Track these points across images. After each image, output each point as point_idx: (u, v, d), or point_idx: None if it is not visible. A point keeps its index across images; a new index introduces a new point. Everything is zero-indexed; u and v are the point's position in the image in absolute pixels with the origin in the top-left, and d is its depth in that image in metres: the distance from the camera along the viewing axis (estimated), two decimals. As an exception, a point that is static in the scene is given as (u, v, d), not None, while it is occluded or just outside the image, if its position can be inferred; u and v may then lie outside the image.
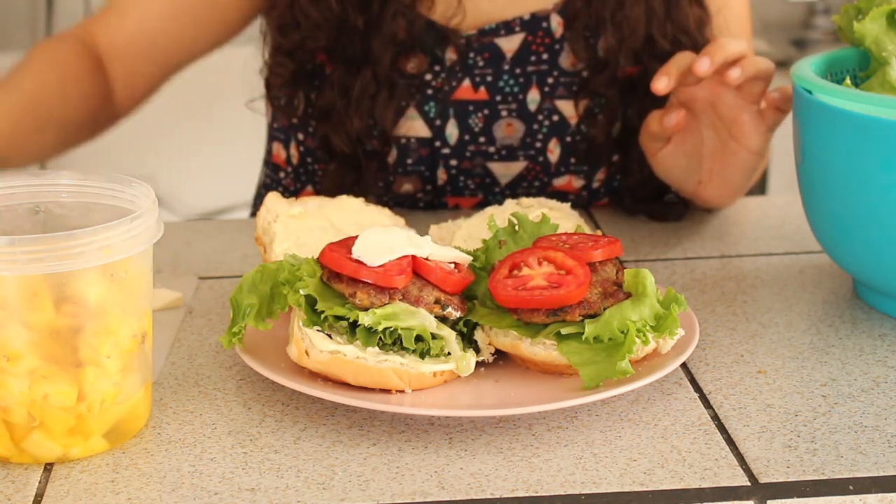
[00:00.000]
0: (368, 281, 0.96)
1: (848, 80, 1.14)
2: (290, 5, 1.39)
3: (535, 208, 1.17)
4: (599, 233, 1.12)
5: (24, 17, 3.02)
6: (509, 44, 1.38)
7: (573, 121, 1.40)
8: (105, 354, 0.89)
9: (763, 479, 0.88)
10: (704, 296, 1.18)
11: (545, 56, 1.39)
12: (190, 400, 0.99)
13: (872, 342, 1.08)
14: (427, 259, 1.00)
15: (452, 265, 1.02)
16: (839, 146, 1.07)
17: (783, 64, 2.81)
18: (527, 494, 0.86)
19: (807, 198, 1.15)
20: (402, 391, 0.96)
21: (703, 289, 1.19)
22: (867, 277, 1.13)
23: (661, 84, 1.20)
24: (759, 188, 2.78)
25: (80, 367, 0.89)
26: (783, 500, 0.87)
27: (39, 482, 0.89)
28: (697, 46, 1.35)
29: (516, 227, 1.08)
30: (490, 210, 1.19)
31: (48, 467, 0.90)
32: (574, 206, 1.27)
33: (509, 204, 1.19)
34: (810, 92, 1.09)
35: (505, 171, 1.42)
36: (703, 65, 1.18)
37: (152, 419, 0.96)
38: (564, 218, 1.16)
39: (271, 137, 1.52)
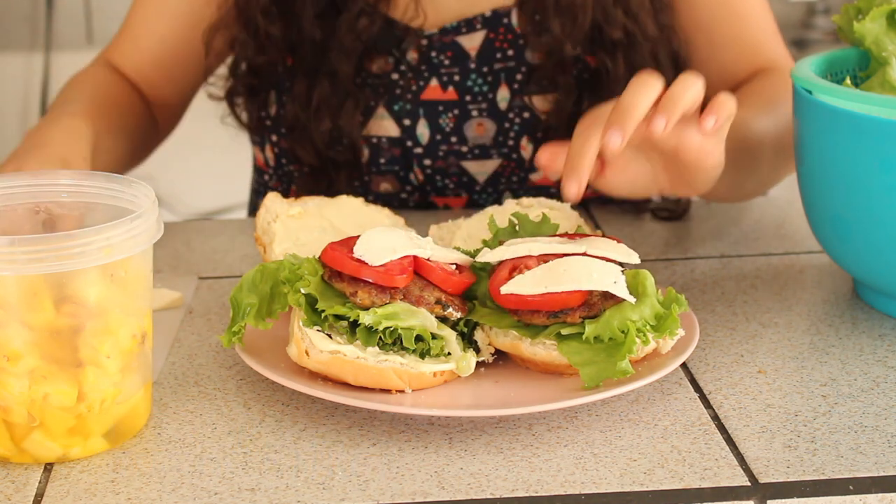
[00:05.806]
0: (370, 280, 0.96)
1: (848, 80, 1.14)
2: (243, 24, 1.38)
3: (535, 208, 1.17)
4: (600, 233, 1.12)
5: (24, 17, 3.02)
6: (471, 42, 1.38)
7: (545, 116, 1.39)
8: (105, 354, 0.89)
9: (763, 479, 0.88)
10: (704, 296, 1.18)
11: (510, 52, 1.38)
12: (190, 400, 0.99)
13: (872, 342, 1.08)
14: (428, 260, 1.00)
15: (454, 266, 1.02)
16: (839, 146, 1.07)
17: (783, 64, 2.81)
18: (527, 494, 0.86)
19: (807, 198, 1.15)
20: (402, 391, 0.96)
21: (703, 289, 1.19)
22: (867, 277, 1.13)
23: (616, 142, 1.03)
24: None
25: (80, 367, 0.89)
26: (783, 500, 0.87)
27: (39, 482, 0.89)
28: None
29: (516, 228, 1.08)
30: (490, 210, 1.19)
31: (48, 467, 0.90)
32: (574, 206, 1.27)
33: (509, 204, 1.18)
34: (810, 92, 1.09)
35: (480, 168, 1.41)
36: (659, 126, 1.02)
37: (152, 419, 0.96)
38: (564, 218, 1.16)
39: (251, 143, 1.52)
